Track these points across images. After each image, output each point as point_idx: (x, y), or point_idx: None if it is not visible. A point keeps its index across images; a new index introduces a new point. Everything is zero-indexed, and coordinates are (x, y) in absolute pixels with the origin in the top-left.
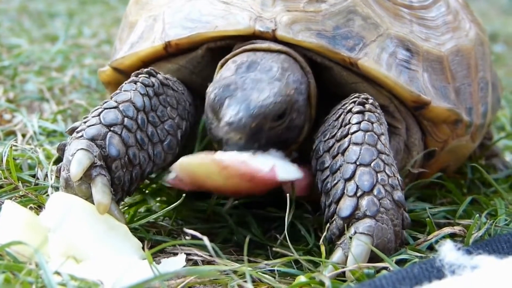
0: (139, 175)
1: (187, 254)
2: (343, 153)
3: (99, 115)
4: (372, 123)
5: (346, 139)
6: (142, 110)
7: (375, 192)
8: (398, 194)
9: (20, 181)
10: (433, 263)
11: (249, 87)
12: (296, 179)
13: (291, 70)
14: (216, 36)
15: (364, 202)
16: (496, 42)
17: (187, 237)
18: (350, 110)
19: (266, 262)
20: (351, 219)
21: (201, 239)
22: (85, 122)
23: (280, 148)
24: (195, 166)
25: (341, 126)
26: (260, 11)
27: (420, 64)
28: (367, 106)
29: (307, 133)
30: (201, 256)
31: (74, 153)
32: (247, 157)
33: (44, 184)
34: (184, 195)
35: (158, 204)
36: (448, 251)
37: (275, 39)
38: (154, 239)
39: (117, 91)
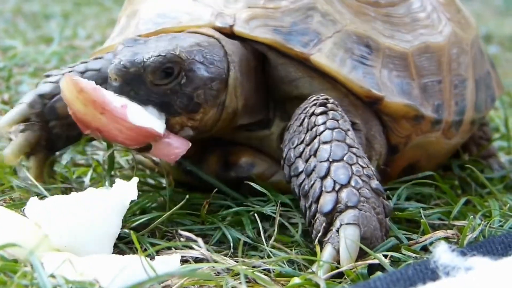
0: (76, 135)
1: (182, 256)
2: (315, 154)
3: (59, 74)
4: (337, 120)
5: (316, 141)
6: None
7: (352, 183)
8: (375, 183)
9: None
10: (427, 265)
11: (154, 45)
12: (156, 132)
13: (207, 49)
14: (181, 31)
15: (343, 194)
16: (490, 43)
17: (181, 239)
18: (313, 113)
19: (261, 261)
20: (333, 213)
21: (195, 241)
22: (49, 76)
23: (164, 111)
24: (63, 86)
25: (308, 130)
26: (223, 7)
27: (379, 60)
28: (329, 105)
29: (212, 118)
30: (196, 256)
31: (19, 104)
32: (103, 89)
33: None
34: (183, 201)
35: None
36: (442, 253)
37: (234, 34)
38: (148, 241)
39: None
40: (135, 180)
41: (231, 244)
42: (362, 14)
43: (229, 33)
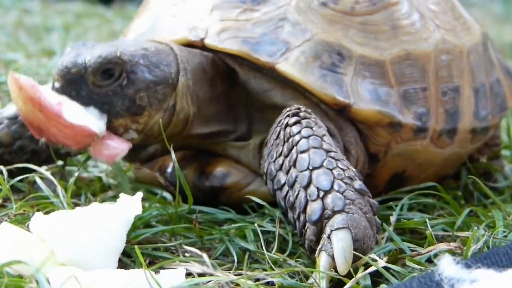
0: (34, 159)
1: (186, 269)
2: (294, 165)
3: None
4: (311, 127)
5: (293, 151)
6: None
7: (335, 187)
8: (358, 183)
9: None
10: (432, 277)
11: (99, 47)
12: (92, 131)
13: (153, 53)
14: None
15: (329, 200)
16: None
17: (186, 254)
18: (287, 124)
19: (265, 273)
20: (322, 220)
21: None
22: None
23: (106, 113)
24: (9, 84)
25: (284, 142)
26: (198, 21)
27: (351, 68)
28: (301, 114)
29: (159, 122)
30: (200, 270)
31: None
32: (42, 86)
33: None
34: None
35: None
36: (447, 265)
37: (205, 47)
38: (152, 254)
39: None
40: (139, 195)
41: (235, 258)
42: (335, 23)
43: (201, 46)
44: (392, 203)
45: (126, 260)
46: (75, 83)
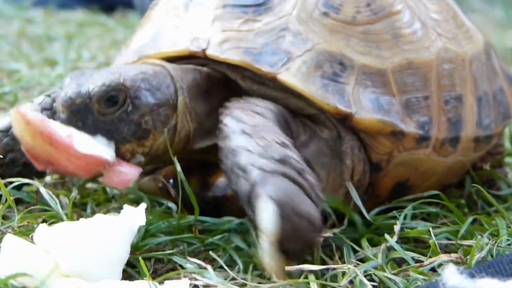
0: (26, 172)
1: (190, 279)
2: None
3: None
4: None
5: (226, 141)
6: None
7: (255, 163)
8: (277, 151)
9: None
10: (436, 287)
11: (98, 76)
12: (104, 159)
13: (152, 76)
14: (163, 57)
15: (251, 176)
16: None
17: (190, 265)
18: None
19: (269, 285)
20: (251, 199)
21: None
22: None
23: (114, 139)
24: (12, 119)
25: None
26: (200, 32)
27: (353, 77)
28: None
29: (163, 144)
30: (204, 282)
31: None
32: (50, 120)
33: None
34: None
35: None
36: (451, 275)
37: (207, 57)
38: (157, 266)
39: None
40: (143, 206)
41: (240, 266)
42: (337, 33)
43: (203, 56)
44: (395, 212)
45: (131, 271)
46: (80, 113)
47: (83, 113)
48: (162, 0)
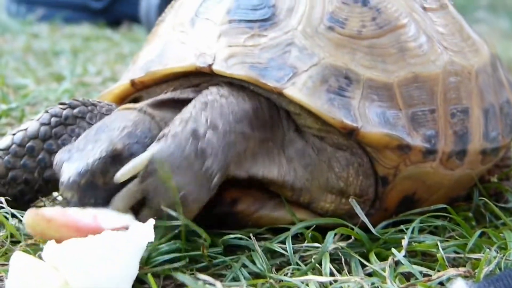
0: (28, 190)
1: None
2: None
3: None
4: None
5: None
6: (35, 138)
7: (174, 127)
8: (192, 126)
9: None
10: None
11: (86, 148)
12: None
13: (135, 126)
14: (170, 73)
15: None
16: None
17: (199, 282)
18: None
19: None
20: None
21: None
22: None
23: None
24: (28, 222)
25: None
26: (206, 48)
27: (359, 91)
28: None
29: None
30: None
31: None
32: (69, 210)
33: None
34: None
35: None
36: None
37: (213, 73)
38: (165, 283)
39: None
40: (152, 222)
41: (247, 283)
42: (342, 47)
43: (209, 72)
44: (403, 226)
45: (140, 287)
46: (89, 191)
47: (91, 190)
48: (169, 16)
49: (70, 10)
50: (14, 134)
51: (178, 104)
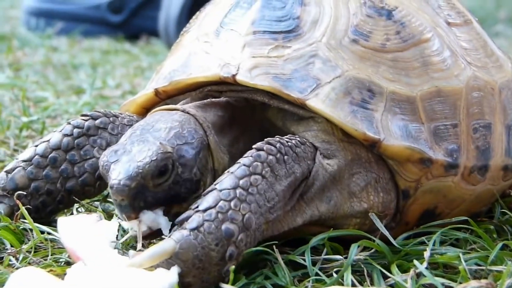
0: (50, 201)
1: None
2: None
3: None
4: (256, 161)
5: None
6: (57, 149)
7: (206, 213)
8: (228, 226)
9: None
10: None
11: (134, 150)
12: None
13: (181, 127)
14: (193, 83)
15: (193, 215)
16: None
17: None
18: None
19: None
20: (182, 225)
21: None
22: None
23: (174, 202)
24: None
25: None
26: (230, 59)
27: (381, 104)
28: (265, 147)
29: (210, 183)
30: None
31: None
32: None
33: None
34: None
35: None
36: None
37: (237, 83)
38: None
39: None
40: (176, 269)
41: None
42: (366, 60)
43: (233, 82)
44: (424, 237)
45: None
46: (139, 195)
47: (141, 194)
48: (193, 27)
49: (89, 23)
50: (36, 146)
51: (217, 106)
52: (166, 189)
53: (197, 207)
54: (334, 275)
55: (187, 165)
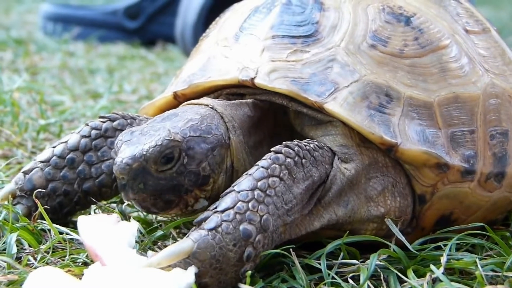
0: (67, 202)
1: None
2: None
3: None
4: (274, 163)
5: None
6: (75, 150)
7: (224, 213)
8: (245, 227)
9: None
10: None
11: (148, 133)
12: None
13: (201, 121)
14: (212, 86)
15: (211, 216)
16: None
17: None
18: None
19: None
20: (200, 225)
21: None
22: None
23: (175, 192)
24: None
25: None
26: (249, 62)
27: (399, 109)
28: (284, 150)
29: (223, 183)
30: None
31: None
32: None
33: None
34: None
35: None
36: None
37: (255, 86)
38: None
39: None
40: (193, 269)
41: None
42: (384, 65)
43: (251, 85)
44: (440, 243)
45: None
46: (140, 176)
47: (142, 176)
48: (213, 32)
49: (105, 29)
50: (54, 147)
51: (247, 106)
52: (169, 177)
53: (215, 208)
54: (350, 281)
55: (195, 158)
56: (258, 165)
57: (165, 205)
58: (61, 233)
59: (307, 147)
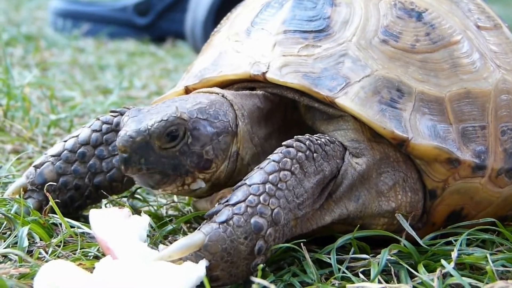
0: (78, 196)
1: None
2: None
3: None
4: (285, 157)
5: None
6: (86, 144)
7: (235, 207)
8: (257, 220)
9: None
10: None
11: (155, 111)
12: None
13: (209, 106)
14: (224, 80)
15: (222, 209)
16: None
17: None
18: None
19: None
20: (211, 218)
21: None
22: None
23: (176, 171)
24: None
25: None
26: (260, 57)
27: (410, 103)
28: (295, 144)
29: (226, 170)
30: None
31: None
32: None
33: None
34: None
35: None
36: None
37: (267, 81)
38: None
39: None
40: (204, 262)
41: None
42: (396, 60)
43: (263, 80)
44: (451, 238)
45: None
46: (142, 151)
47: (144, 150)
48: (224, 27)
49: (115, 25)
50: (65, 141)
51: (257, 98)
52: (171, 155)
53: (226, 201)
54: (360, 275)
55: (200, 139)
56: (269, 159)
57: (161, 179)
58: (72, 227)
59: (319, 142)
